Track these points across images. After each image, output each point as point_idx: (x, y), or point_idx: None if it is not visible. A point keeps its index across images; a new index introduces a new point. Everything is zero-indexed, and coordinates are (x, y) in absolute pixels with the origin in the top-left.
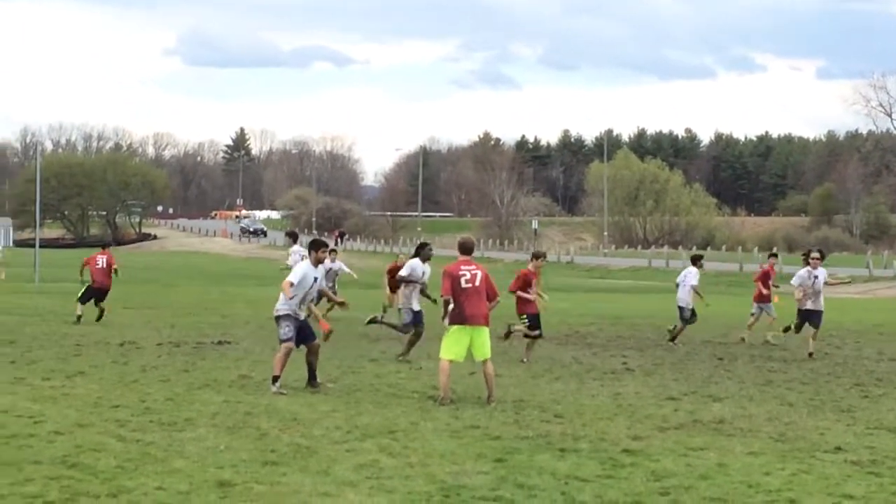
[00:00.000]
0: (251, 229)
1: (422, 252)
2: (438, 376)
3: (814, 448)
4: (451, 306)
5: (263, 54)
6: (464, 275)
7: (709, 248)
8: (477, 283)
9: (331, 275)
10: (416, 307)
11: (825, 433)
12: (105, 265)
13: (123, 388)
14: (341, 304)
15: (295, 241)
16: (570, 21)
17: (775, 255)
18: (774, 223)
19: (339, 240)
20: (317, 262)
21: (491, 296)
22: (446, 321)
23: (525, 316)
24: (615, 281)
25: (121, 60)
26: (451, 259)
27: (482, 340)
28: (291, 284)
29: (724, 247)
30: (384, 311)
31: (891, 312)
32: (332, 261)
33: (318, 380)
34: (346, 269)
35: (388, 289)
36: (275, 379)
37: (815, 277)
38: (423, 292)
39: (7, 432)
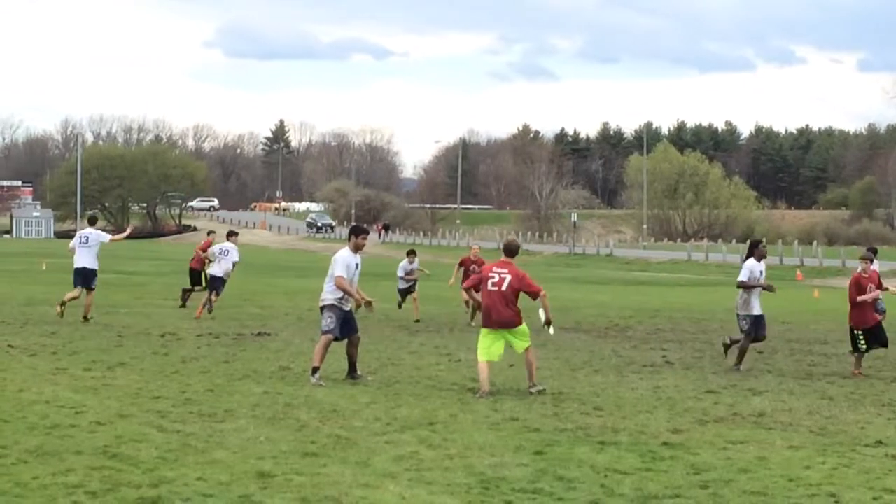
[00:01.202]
0: (319, 224)
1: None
2: (478, 374)
3: (854, 442)
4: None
5: (303, 47)
6: (492, 277)
7: (748, 242)
8: (503, 288)
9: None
10: None
11: (866, 427)
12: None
13: (164, 378)
14: (368, 304)
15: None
16: (609, 13)
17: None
18: (814, 216)
19: (382, 232)
20: (356, 249)
21: (532, 296)
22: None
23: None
24: (655, 274)
25: (161, 53)
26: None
27: (516, 337)
28: (342, 278)
29: (764, 240)
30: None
31: None
32: (411, 262)
33: (358, 372)
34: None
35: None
36: (314, 370)
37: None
38: None
39: (49, 423)
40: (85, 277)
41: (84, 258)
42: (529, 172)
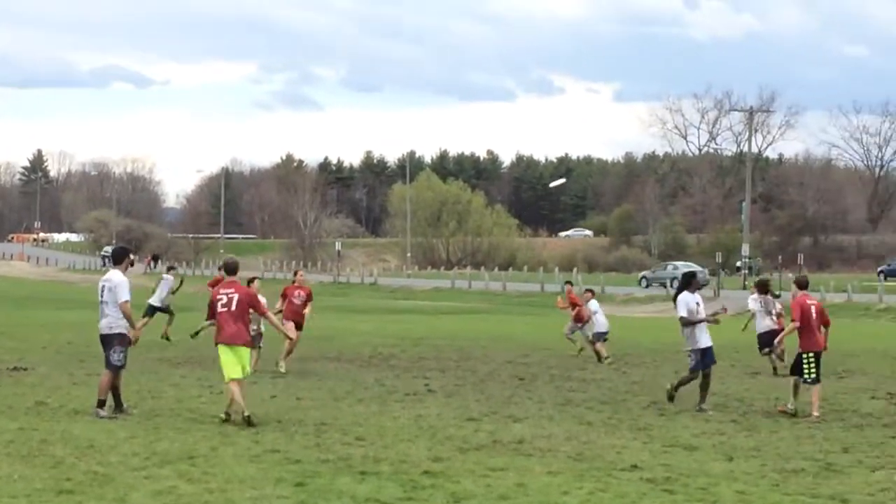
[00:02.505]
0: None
1: None
2: (232, 396)
3: (611, 466)
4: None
5: (62, 74)
6: (221, 299)
7: (510, 269)
8: (233, 308)
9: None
10: None
11: (622, 451)
12: None
13: None
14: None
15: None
16: (370, 42)
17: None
18: (575, 243)
19: (151, 263)
20: (126, 269)
21: (259, 312)
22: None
23: None
24: (419, 302)
25: None
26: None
27: (242, 359)
28: (128, 303)
29: (525, 267)
30: None
31: None
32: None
33: (125, 404)
34: None
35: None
36: (101, 403)
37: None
38: None
39: None
40: None
41: None
42: (293, 201)
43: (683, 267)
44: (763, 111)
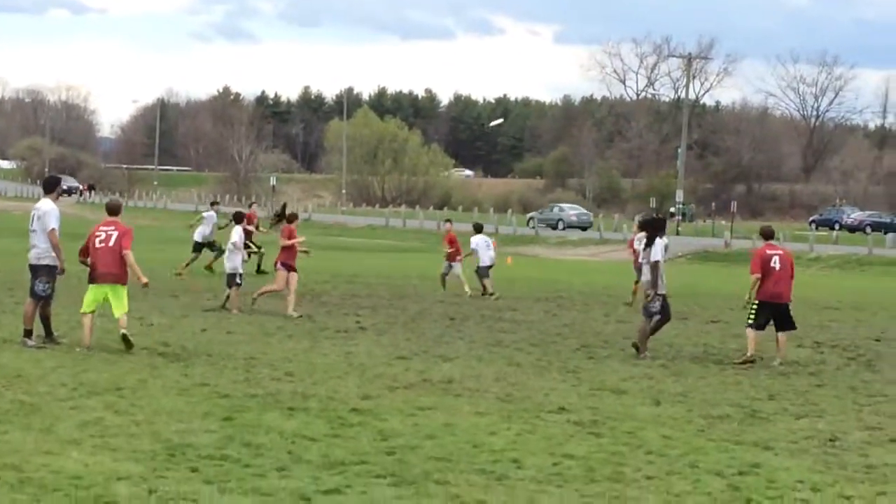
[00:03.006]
0: (65, 187)
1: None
2: (82, 329)
3: (538, 409)
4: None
5: None
6: (99, 235)
7: (445, 209)
8: (111, 244)
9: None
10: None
11: (550, 394)
12: None
13: None
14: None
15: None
16: None
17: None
18: (510, 185)
19: (88, 192)
20: (57, 197)
21: (122, 251)
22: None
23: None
24: (352, 239)
25: None
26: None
27: (116, 298)
28: (56, 232)
29: (460, 208)
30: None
31: (619, 275)
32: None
33: (55, 333)
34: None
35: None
36: (28, 333)
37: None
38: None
39: None
40: None
41: None
42: (229, 135)
43: (569, 208)
44: (701, 58)
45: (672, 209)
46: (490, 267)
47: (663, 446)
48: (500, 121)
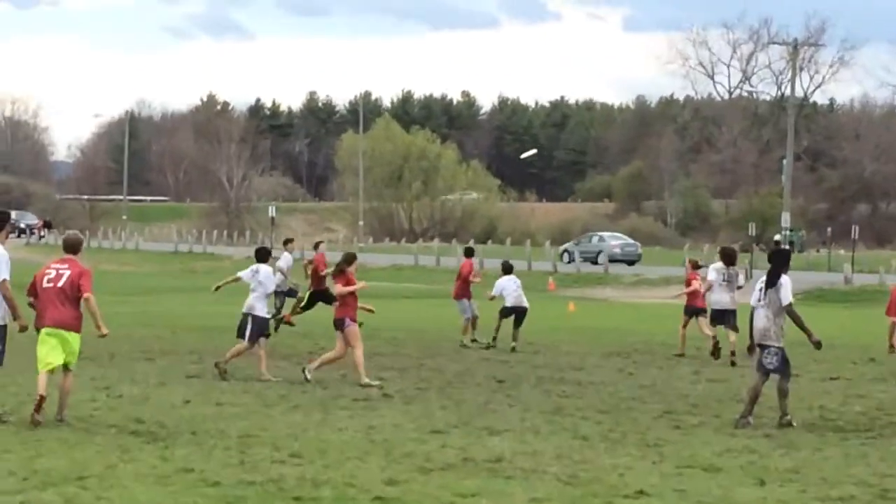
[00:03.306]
0: (22, 225)
1: None
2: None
3: (611, 493)
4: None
5: None
6: (49, 273)
7: (489, 242)
8: (60, 284)
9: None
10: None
11: (625, 474)
12: None
13: None
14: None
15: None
16: None
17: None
18: (571, 210)
19: (44, 230)
20: (6, 238)
21: (80, 296)
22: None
23: None
24: (373, 283)
25: None
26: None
27: (70, 347)
28: (7, 283)
29: (508, 240)
30: None
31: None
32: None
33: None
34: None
35: None
36: None
37: None
38: None
39: None
40: None
41: None
42: (216, 155)
43: (610, 238)
44: (810, 45)
45: (777, 237)
46: (515, 310)
47: None
48: (534, 151)
